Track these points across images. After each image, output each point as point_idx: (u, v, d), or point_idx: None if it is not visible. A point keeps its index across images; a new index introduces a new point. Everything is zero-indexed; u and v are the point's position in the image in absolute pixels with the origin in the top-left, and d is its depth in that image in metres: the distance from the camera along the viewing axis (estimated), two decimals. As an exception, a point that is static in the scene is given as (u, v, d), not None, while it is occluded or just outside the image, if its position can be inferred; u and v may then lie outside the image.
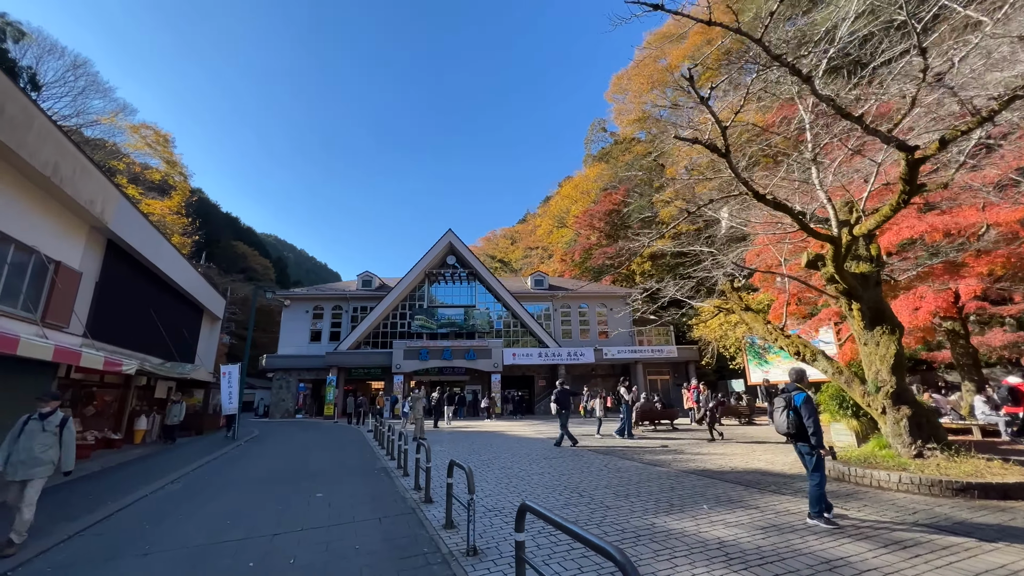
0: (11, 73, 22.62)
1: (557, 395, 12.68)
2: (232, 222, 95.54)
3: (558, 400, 12.60)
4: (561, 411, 12.50)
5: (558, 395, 12.66)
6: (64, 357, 7.89)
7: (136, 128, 36.55)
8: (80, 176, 10.07)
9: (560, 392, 12.72)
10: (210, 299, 21.11)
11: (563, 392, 12.75)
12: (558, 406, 12.56)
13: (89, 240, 11.46)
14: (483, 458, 10.06)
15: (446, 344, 28.10)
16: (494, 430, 17.33)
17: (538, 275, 33.99)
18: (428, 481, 6.39)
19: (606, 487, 6.82)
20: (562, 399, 12.62)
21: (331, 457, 11.05)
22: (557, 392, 12.75)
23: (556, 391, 12.79)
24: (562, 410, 12.51)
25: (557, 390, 12.80)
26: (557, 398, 12.65)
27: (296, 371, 29.64)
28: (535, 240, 63.58)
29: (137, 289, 14.27)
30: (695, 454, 9.90)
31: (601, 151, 47.71)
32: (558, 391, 12.76)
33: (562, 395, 12.66)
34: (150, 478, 8.59)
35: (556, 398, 12.67)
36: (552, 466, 8.74)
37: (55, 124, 9.11)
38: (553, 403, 12.84)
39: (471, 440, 13.85)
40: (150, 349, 15.09)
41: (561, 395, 12.66)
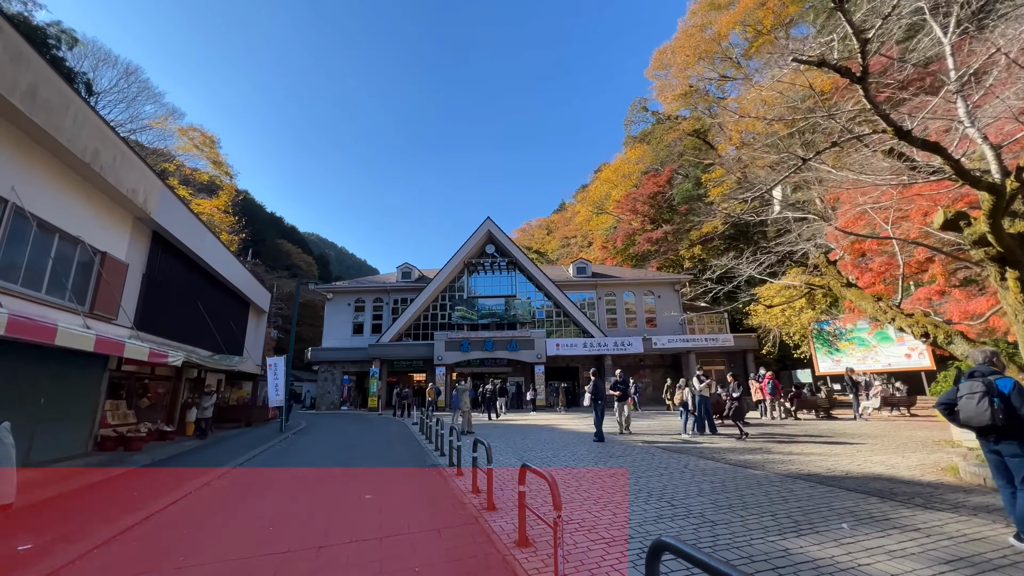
0: (68, 79, 23.62)
1: (593, 386, 11.78)
2: (276, 222, 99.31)
3: (594, 391, 11.71)
4: (596, 403, 11.61)
5: (594, 386, 11.76)
6: (106, 348, 7.58)
7: (184, 131, 37.80)
8: (121, 164, 9.83)
9: (596, 383, 11.81)
10: (256, 292, 21.27)
11: (598, 383, 11.83)
12: (593, 397, 11.67)
13: (134, 231, 11.34)
14: (541, 455, 9.15)
15: (487, 335, 27.43)
16: (543, 423, 16.44)
17: (580, 262, 32.69)
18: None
19: (699, 495, 5.73)
20: (597, 390, 11.70)
21: (378, 452, 10.47)
22: (594, 383, 11.84)
23: (593, 381, 11.89)
24: (597, 401, 11.60)
25: (594, 381, 11.88)
26: (592, 389, 11.75)
27: (340, 364, 29.87)
28: (572, 229, 61.94)
29: (184, 282, 14.26)
30: (786, 454, 8.59)
31: (642, 132, 45.46)
32: (594, 382, 11.84)
33: (598, 386, 11.75)
34: (195, 471, 8.24)
35: (591, 389, 11.78)
36: (623, 466, 7.71)
37: (92, 109, 8.82)
38: (588, 394, 11.93)
39: (522, 434, 13.00)
40: (198, 342, 15.12)
41: (597, 386, 11.74)
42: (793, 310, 24.59)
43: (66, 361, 8.98)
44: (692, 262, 34.28)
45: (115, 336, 8.57)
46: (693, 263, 34.38)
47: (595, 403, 11.49)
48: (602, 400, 11.52)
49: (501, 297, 30.05)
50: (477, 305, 29.81)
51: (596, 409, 11.46)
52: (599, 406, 11.45)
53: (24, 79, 7.10)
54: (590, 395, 11.70)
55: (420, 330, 29.95)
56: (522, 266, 29.98)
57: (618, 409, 12.11)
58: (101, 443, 10.41)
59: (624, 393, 11.76)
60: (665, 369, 29.58)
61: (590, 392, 11.71)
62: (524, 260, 29.82)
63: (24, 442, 8.15)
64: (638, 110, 45.03)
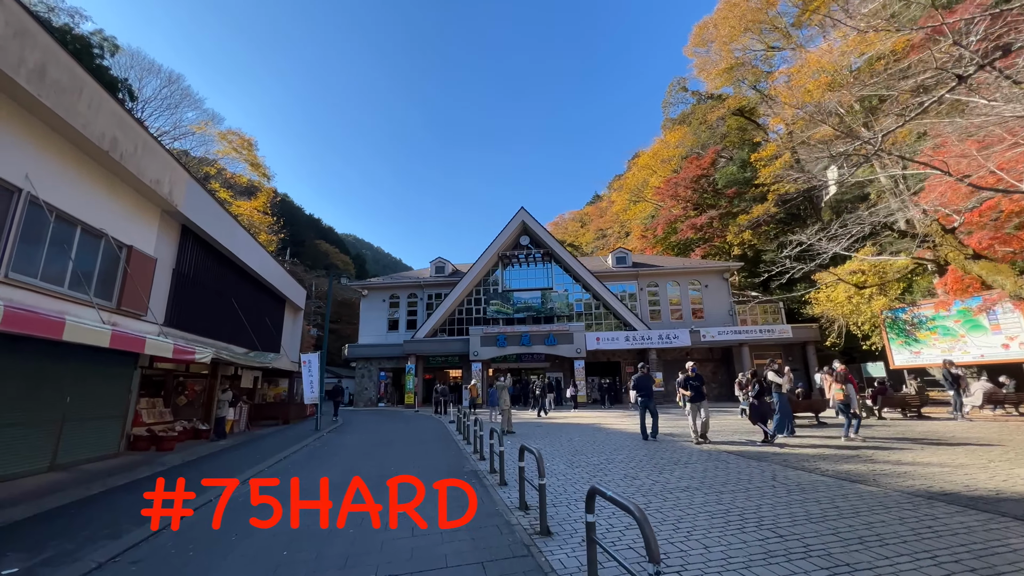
0: (110, 87, 24.31)
1: (637, 381, 10.65)
2: (315, 223, 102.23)
3: (638, 386, 10.56)
4: (640, 399, 10.50)
5: (638, 381, 10.63)
6: (124, 344, 7.09)
7: (223, 135, 38.79)
8: (143, 153, 9.42)
9: (641, 378, 10.66)
10: (291, 289, 21.15)
11: (644, 378, 10.67)
12: (638, 393, 10.53)
13: (162, 225, 11.02)
14: (593, 460, 8.06)
15: (524, 329, 26.44)
16: (587, 422, 15.30)
17: (620, 252, 31.11)
18: (543, 505, 4.50)
19: (808, 519, 4.50)
20: (643, 385, 10.55)
21: (413, 455, 9.68)
22: (637, 377, 10.71)
23: (636, 376, 10.77)
24: (641, 397, 10.47)
25: (637, 375, 10.75)
26: (637, 384, 10.61)
27: (376, 360, 29.71)
28: (607, 221, 59.97)
29: (216, 278, 14.01)
30: (895, 463, 7.11)
31: (682, 114, 43.05)
32: (638, 376, 10.72)
33: (643, 381, 10.60)
34: (229, 471, 7.68)
35: (636, 384, 10.64)
36: (694, 477, 6.52)
37: (109, 93, 8.38)
38: (632, 390, 10.74)
39: (567, 434, 11.93)
40: (232, 339, 14.90)
41: (642, 381, 10.60)
42: (862, 297, 22.22)
43: (92, 359, 8.65)
44: (741, 248, 31.99)
45: (137, 332, 8.13)
46: (742, 250, 32.09)
47: (644, 401, 10.31)
48: (649, 397, 10.35)
49: (537, 290, 28.98)
50: (512, 299, 28.88)
51: (643, 407, 10.40)
52: (647, 404, 10.30)
53: (31, 57, 6.63)
54: (634, 391, 10.54)
55: (455, 325, 29.34)
56: (558, 257, 28.77)
57: (692, 412, 9.79)
58: (134, 442, 10.15)
59: (698, 393, 9.82)
60: (714, 363, 27.68)
61: (634, 388, 10.54)
62: (560, 250, 28.60)
63: (50, 443, 7.83)
64: (677, 90, 42.63)
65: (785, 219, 35.18)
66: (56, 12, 23.96)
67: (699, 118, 39.18)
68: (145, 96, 35.27)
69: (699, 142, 42.07)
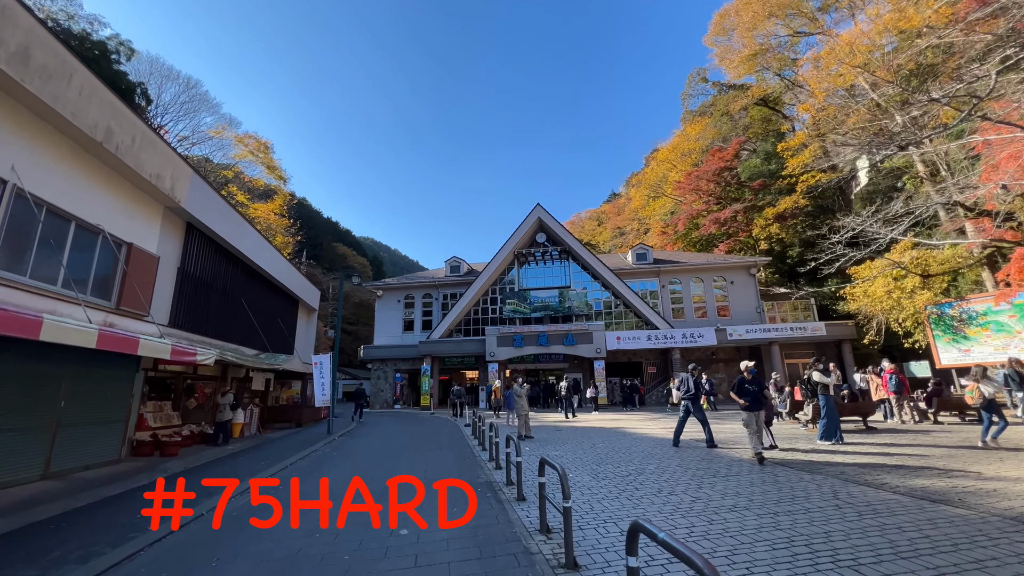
0: (126, 93, 24.50)
1: (684, 382, 9.76)
2: (332, 226, 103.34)
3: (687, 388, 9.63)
4: (687, 402, 9.58)
5: (687, 382, 9.72)
6: (114, 344, 6.62)
7: (241, 138, 39.12)
8: (142, 146, 9.03)
9: (688, 379, 9.76)
10: (304, 290, 20.85)
11: (693, 380, 9.72)
12: (691, 397, 9.58)
13: (165, 222, 10.65)
14: (622, 472, 7.28)
15: (541, 329, 25.67)
16: (610, 425, 14.45)
17: (640, 248, 30.07)
18: (569, 536, 3.77)
19: (894, 554, 3.65)
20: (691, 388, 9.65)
21: (425, 463, 9.04)
22: (685, 378, 9.78)
23: (683, 377, 9.85)
24: (692, 402, 9.54)
25: (685, 376, 9.79)
26: (684, 386, 9.71)
27: (392, 361, 29.34)
28: (624, 219, 58.73)
29: (224, 277, 13.66)
30: (976, 476, 6.14)
31: (702, 105, 41.67)
32: (686, 377, 9.79)
33: (692, 383, 9.68)
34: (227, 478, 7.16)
35: (683, 386, 9.74)
36: (740, 493, 5.68)
37: (101, 81, 7.97)
38: (676, 391, 9.82)
39: (589, 439, 11.13)
40: (243, 340, 14.55)
41: (691, 383, 9.69)
42: (903, 292, 20.77)
43: (89, 362, 8.26)
44: (768, 243, 30.58)
45: (133, 333, 7.68)
46: (769, 244, 30.68)
47: (693, 404, 9.42)
48: (696, 402, 9.47)
49: (554, 289, 28.16)
50: (529, 298, 28.13)
51: (688, 411, 9.49)
52: (693, 409, 9.42)
53: (11, 39, 6.21)
54: (680, 394, 9.68)
55: (471, 325, 28.75)
56: (576, 254, 27.91)
57: (751, 423, 7.67)
58: (137, 448, 9.77)
59: (756, 400, 7.79)
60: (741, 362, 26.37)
61: (679, 390, 9.68)
62: (578, 247, 27.74)
63: (42, 449, 7.43)
64: (697, 81, 41.29)
65: (814, 212, 33.62)
66: (76, 19, 24.27)
67: (720, 109, 37.81)
68: (165, 102, 35.77)
69: (720, 134, 40.63)
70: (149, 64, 34.69)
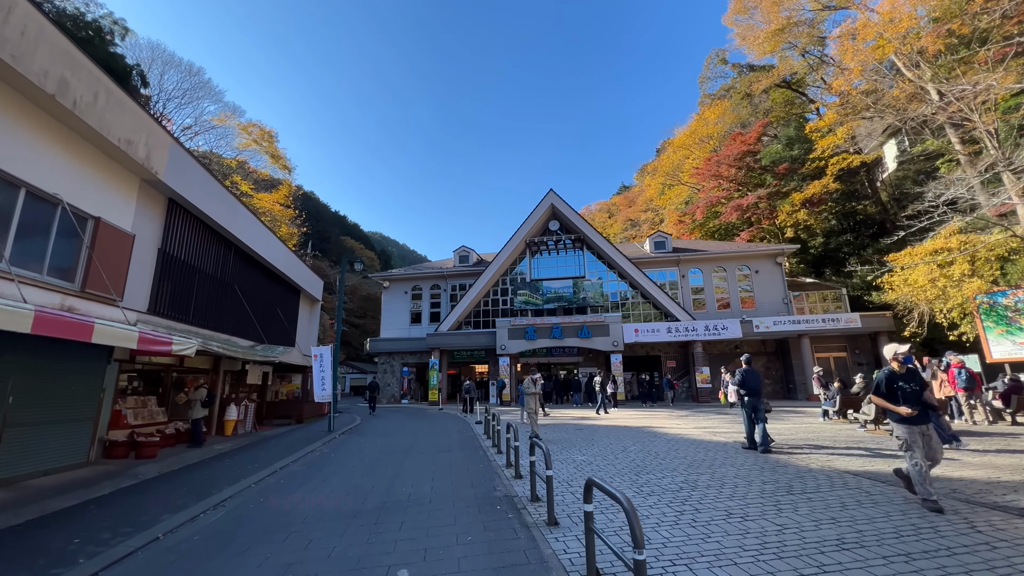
0: (122, 76, 23.52)
1: (743, 377, 8.35)
2: (340, 220, 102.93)
3: (744, 383, 8.27)
4: (745, 399, 8.22)
5: (744, 377, 8.33)
6: (56, 329, 5.49)
7: (244, 127, 38.20)
8: (107, 105, 7.87)
9: (748, 372, 8.39)
10: (306, 280, 19.78)
11: (752, 373, 8.39)
12: (744, 392, 8.24)
13: (143, 197, 9.52)
14: (669, 485, 6.01)
15: (555, 321, 24.38)
16: (638, 424, 13.18)
17: (658, 236, 28.59)
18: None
19: None
20: (751, 382, 8.27)
21: (432, 470, 7.86)
22: (743, 372, 8.40)
23: (742, 371, 8.45)
24: (747, 397, 8.19)
25: (743, 370, 8.42)
26: (743, 381, 8.32)
27: (399, 355, 28.30)
28: (636, 210, 57.14)
29: (215, 262, 12.56)
30: None
31: (721, 88, 39.79)
32: (744, 371, 8.42)
33: (750, 377, 8.33)
34: (201, 488, 6.03)
35: (741, 381, 8.34)
36: (836, 520, 4.39)
37: (54, 22, 6.80)
38: (735, 385, 8.49)
39: (619, 442, 9.87)
40: (238, 330, 13.49)
41: (749, 377, 8.32)
42: (949, 280, 19.14)
43: (45, 352, 7.17)
44: (795, 231, 28.92)
45: (93, 318, 6.56)
46: (795, 232, 29.02)
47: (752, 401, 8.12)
48: (756, 397, 8.12)
49: (568, 279, 26.84)
50: (542, 288, 26.85)
51: (745, 409, 8.20)
52: (751, 402, 8.11)
53: (-78, -47, 5.04)
54: (736, 390, 8.35)
55: (480, 318, 27.56)
56: (591, 243, 26.53)
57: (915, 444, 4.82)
58: (109, 449, 8.71)
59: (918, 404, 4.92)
60: (768, 356, 24.94)
61: (735, 385, 8.36)
62: (594, 235, 26.34)
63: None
64: (716, 63, 39.40)
65: (841, 197, 31.86)
66: (70, -1, 23.26)
67: (741, 91, 35.94)
68: (167, 90, 34.99)
69: (739, 119, 38.78)
70: (150, 50, 33.83)
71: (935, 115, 20.08)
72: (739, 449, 8.33)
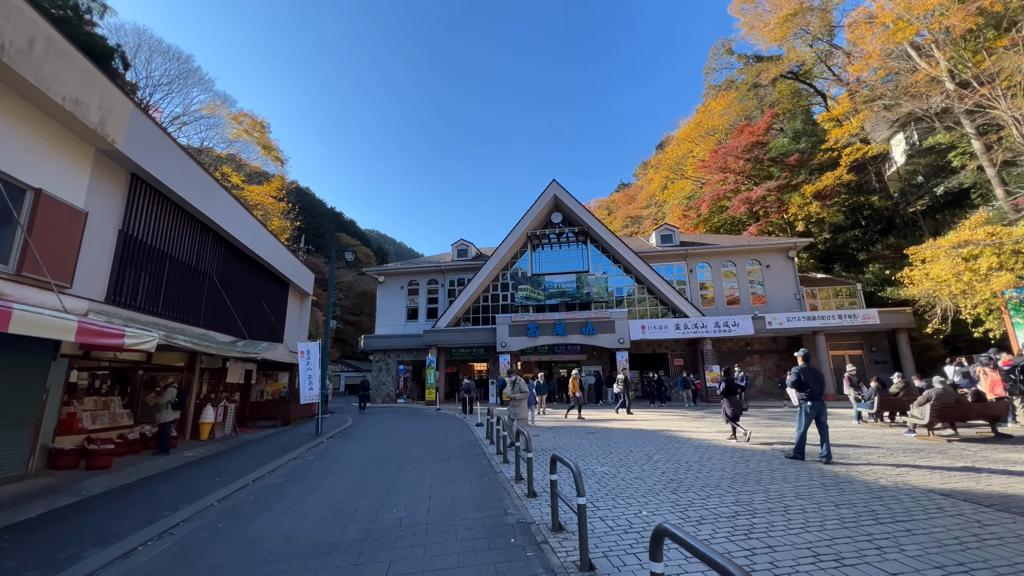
0: (102, 57, 22.23)
1: (801, 376, 7.18)
2: (336, 216, 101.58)
3: (803, 384, 7.11)
4: (807, 404, 7.05)
5: (802, 376, 7.17)
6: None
7: (235, 116, 36.86)
8: (47, 56, 6.70)
9: (806, 372, 7.20)
10: (296, 272, 18.60)
11: (812, 371, 7.24)
12: (801, 392, 7.12)
13: (99, 169, 8.35)
14: (717, 508, 4.92)
15: (558, 317, 23.29)
16: (654, 427, 12.09)
17: (665, 229, 27.51)
18: None
19: None
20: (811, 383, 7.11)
21: (429, 483, 6.76)
22: (800, 371, 7.23)
23: (799, 369, 7.28)
24: (809, 400, 7.04)
25: (801, 368, 7.28)
26: (800, 381, 7.17)
27: (395, 352, 27.15)
28: (636, 207, 56.01)
29: (189, 249, 11.38)
30: None
31: (727, 79, 38.73)
32: (802, 369, 7.26)
33: (810, 377, 7.16)
34: (136, 522, 4.91)
35: (798, 381, 7.19)
36: (961, 562, 3.31)
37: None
38: (790, 388, 7.36)
39: (641, 449, 8.77)
40: (217, 324, 12.33)
41: (809, 377, 7.15)
42: (975, 274, 18.14)
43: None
44: (806, 224, 27.91)
45: (6, 303, 5.41)
46: (807, 225, 28.02)
47: (815, 405, 7.01)
48: (818, 399, 7.01)
49: (571, 274, 25.74)
50: (544, 283, 25.75)
51: (806, 415, 7.06)
52: (815, 406, 6.99)
53: None
54: (794, 390, 7.21)
55: (480, 313, 26.44)
56: (595, 235, 25.43)
57: None
58: (54, 459, 7.55)
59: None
60: (779, 354, 23.96)
61: (791, 386, 7.25)
62: (598, 228, 25.25)
63: None
64: (722, 54, 38.34)
65: (853, 189, 30.90)
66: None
67: (748, 82, 34.93)
68: (155, 78, 33.67)
69: (745, 111, 37.74)
70: (136, 36, 32.51)
71: (963, 100, 19.09)
72: (782, 459, 7.26)
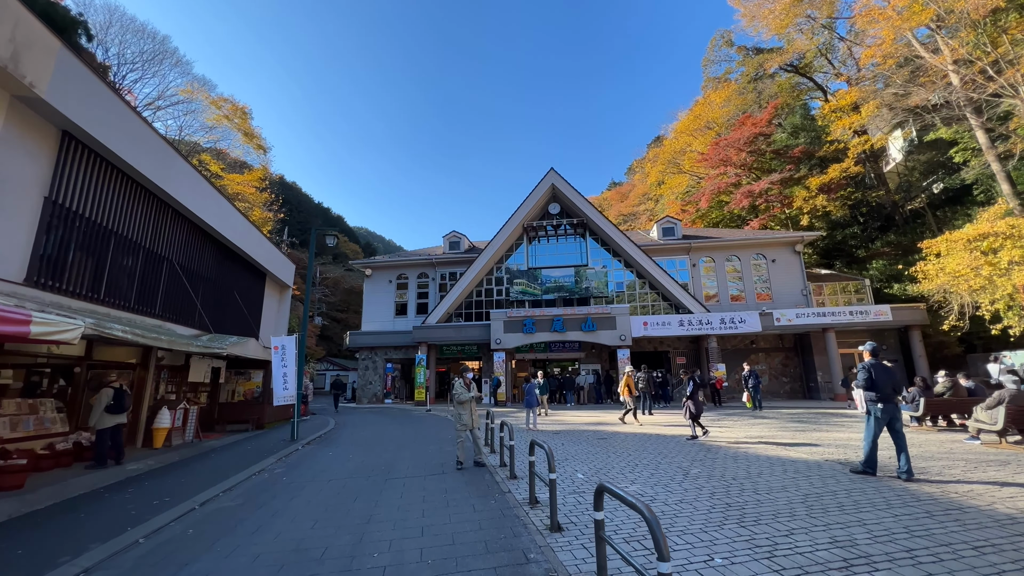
0: (64, 30, 20.34)
1: (872, 375, 5.98)
2: (324, 211, 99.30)
3: (875, 383, 5.93)
4: (879, 407, 5.90)
5: (874, 374, 5.97)
6: None
7: (215, 101, 34.91)
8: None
9: (878, 369, 5.99)
10: (273, 261, 17.03)
11: (883, 370, 6.03)
12: (874, 394, 5.94)
13: (15, 121, 6.83)
14: (811, 550, 3.66)
15: (555, 313, 22.04)
16: (672, 433, 10.86)
17: (667, 221, 26.41)
18: None
19: None
20: (882, 382, 5.93)
21: (420, 510, 5.41)
22: (870, 368, 6.05)
23: (867, 365, 6.10)
24: (881, 402, 5.89)
25: (870, 363, 6.09)
26: (871, 380, 5.98)
27: (382, 349, 25.65)
28: (630, 204, 55.15)
29: (145, 228, 9.85)
30: None
31: (726, 71, 37.79)
32: (871, 365, 6.07)
33: (882, 375, 5.96)
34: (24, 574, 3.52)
35: (869, 381, 6.00)
36: None
37: None
38: (860, 388, 6.14)
39: (673, 461, 7.52)
40: (178, 316, 10.82)
41: (881, 375, 5.96)
42: (995, 268, 17.30)
43: None
44: (811, 218, 27.04)
45: None
46: (812, 219, 27.15)
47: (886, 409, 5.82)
48: (891, 403, 5.81)
49: (569, 267, 24.49)
50: (540, 277, 24.45)
51: (876, 419, 5.87)
52: (887, 410, 5.80)
53: None
54: (865, 391, 6.00)
55: (473, 309, 25.06)
56: (594, 227, 24.20)
57: None
58: (-52, 477, 6.04)
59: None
60: (785, 352, 23.01)
61: (860, 387, 6.04)
62: (598, 219, 24.00)
63: None
64: (721, 45, 37.39)
65: (861, 181, 30.20)
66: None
67: (749, 74, 34.05)
68: (128, 58, 31.66)
69: (745, 104, 36.89)
70: (107, 13, 30.53)
71: (976, 89, 18.29)
72: (846, 472, 6.06)
